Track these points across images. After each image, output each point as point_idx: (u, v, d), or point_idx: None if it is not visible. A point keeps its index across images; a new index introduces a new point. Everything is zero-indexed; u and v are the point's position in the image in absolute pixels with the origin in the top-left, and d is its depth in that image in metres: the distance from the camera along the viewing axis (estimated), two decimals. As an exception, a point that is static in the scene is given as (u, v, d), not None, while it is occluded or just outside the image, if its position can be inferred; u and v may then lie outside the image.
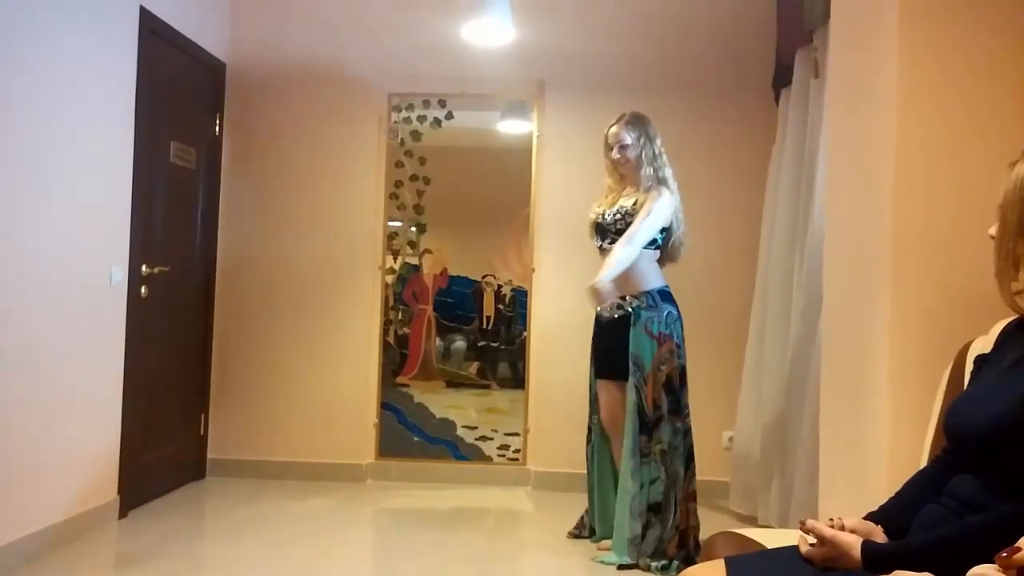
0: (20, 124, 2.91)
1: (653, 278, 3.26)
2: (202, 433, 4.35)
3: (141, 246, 3.66)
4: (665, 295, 3.26)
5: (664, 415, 3.19)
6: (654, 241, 3.25)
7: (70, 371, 3.22)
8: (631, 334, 3.18)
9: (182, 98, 4.09)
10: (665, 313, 3.21)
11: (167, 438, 4.00)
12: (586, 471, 3.49)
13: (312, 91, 4.44)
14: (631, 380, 3.19)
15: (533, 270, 4.41)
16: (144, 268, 3.70)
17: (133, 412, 3.62)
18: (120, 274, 3.53)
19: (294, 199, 4.44)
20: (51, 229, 3.10)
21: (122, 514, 3.57)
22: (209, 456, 4.40)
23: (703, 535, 3.14)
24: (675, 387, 3.22)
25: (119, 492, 3.56)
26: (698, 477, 3.31)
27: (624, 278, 3.17)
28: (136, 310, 3.63)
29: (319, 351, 4.41)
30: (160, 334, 3.89)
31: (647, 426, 3.16)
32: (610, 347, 3.27)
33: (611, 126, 3.35)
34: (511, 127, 4.54)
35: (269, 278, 4.43)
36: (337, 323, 4.42)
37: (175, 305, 4.04)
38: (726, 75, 4.29)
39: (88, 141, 3.30)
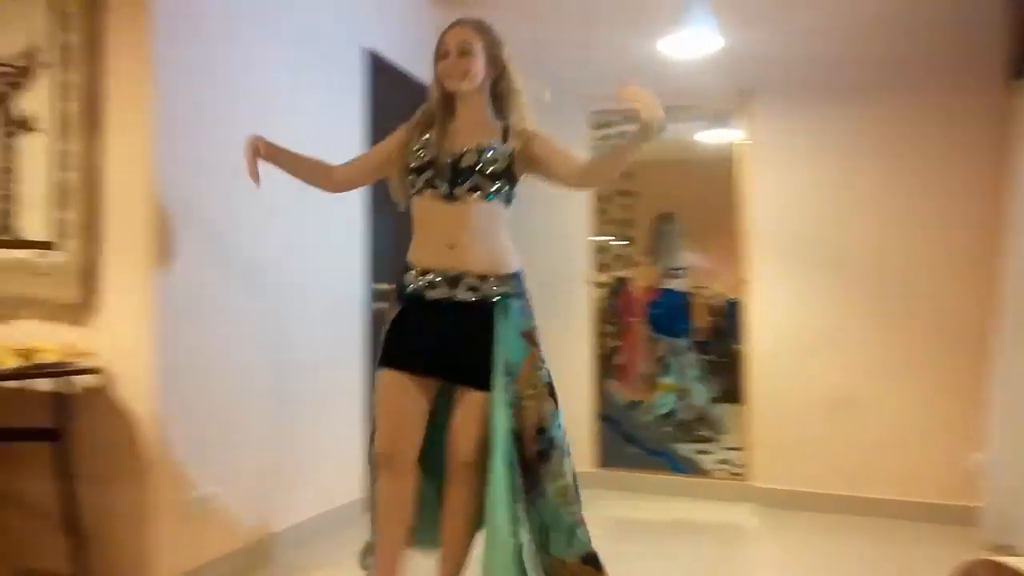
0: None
1: (515, 254, 2.34)
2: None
3: (376, 264, 3.95)
4: (524, 279, 2.35)
5: (557, 439, 2.29)
6: (512, 197, 2.34)
7: (325, 379, 3.53)
8: (499, 331, 2.21)
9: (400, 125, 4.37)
10: (530, 308, 2.33)
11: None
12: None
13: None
14: (502, 395, 2.18)
15: (746, 281, 4.30)
16: (380, 285, 3.98)
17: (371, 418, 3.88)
18: (357, 292, 3.82)
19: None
20: (306, 250, 3.42)
21: (367, 509, 3.81)
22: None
23: (946, 561, 2.88)
24: (556, 403, 2.32)
25: (365, 490, 3.82)
26: (936, 501, 3.02)
27: (486, 250, 2.24)
28: (375, 323, 3.91)
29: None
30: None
31: (528, 458, 2.24)
32: (447, 337, 2.23)
33: (448, 27, 2.36)
34: (713, 137, 4.49)
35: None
36: (550, 336, 4.50)
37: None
38: (948, 72, 3.98)
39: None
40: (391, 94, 4.19)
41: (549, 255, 4.55)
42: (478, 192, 2.23)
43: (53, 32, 2.69)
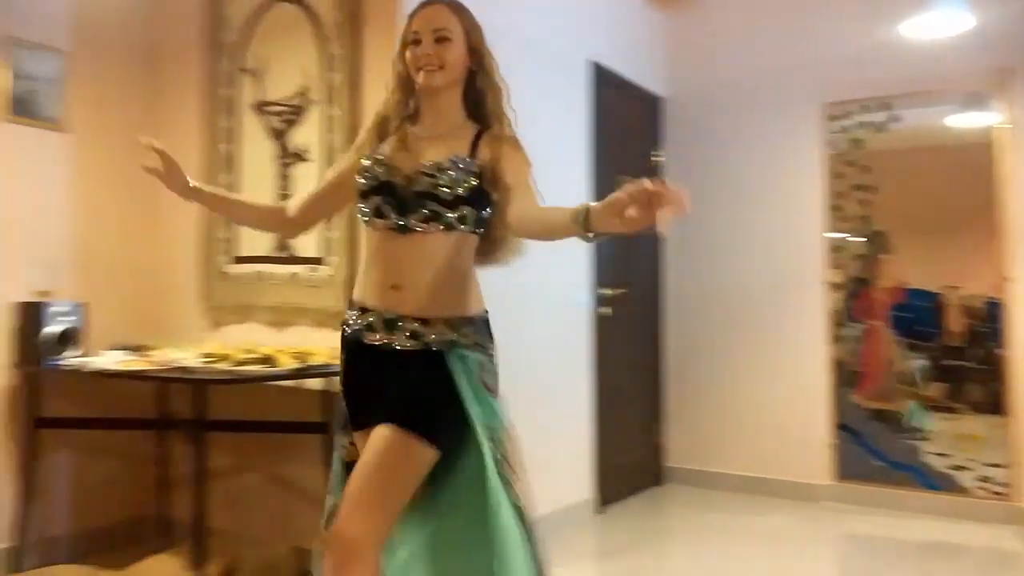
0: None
1: (473, 294, 1.87)
2: (658, 443, 4.60)
3: (601, 270, 4.05)
4: (488, 327, 1.89)
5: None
6: (483, 220, 1.84)
7: (555, 381, 3.68)
8: (464, 389, 1.75)
9: (627, 134, 4.44)
10: (494, 360, 1.88)
11: (629, 445, 4.32)
12: None
13: (747, 111, 4.50)
14: (492, 466, 1.72)
15: (1008, 279, 3.88)
16: (604, 290, 4.07)
17: (602, 420, 3.99)
18: (585, 296, 3.93)
19: (734, 218, 4.52)
20: (537, 256, 3.57)
21: (598, 510, 3.93)
22: (667, 464, 4.62)
23: None
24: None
25: (594, 490, 3.93)
26: None
27: (437, 289, 1.78)
28: (600, 328, 4.01)
29: (766, 366, 4.40)
30: (620, 350, 4.23)
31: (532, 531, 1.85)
32: (387, 384, 1.78)
33: (421, 6, 1.89)
34: (964, 122, 4.10)
35: (716, 295, 4.55)
36: (783, 338, 4.37)
37: (631, 324, 4.37)
38: None
39: (554, 181, 3.71)
40: (616, 104, 4.27)
41: (779, 254, 4.40)
42: (435, 222, 1.75)
43: (321, 73, 3.05)
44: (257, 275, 3.21)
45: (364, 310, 1.81)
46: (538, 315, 3.59)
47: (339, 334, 1.88)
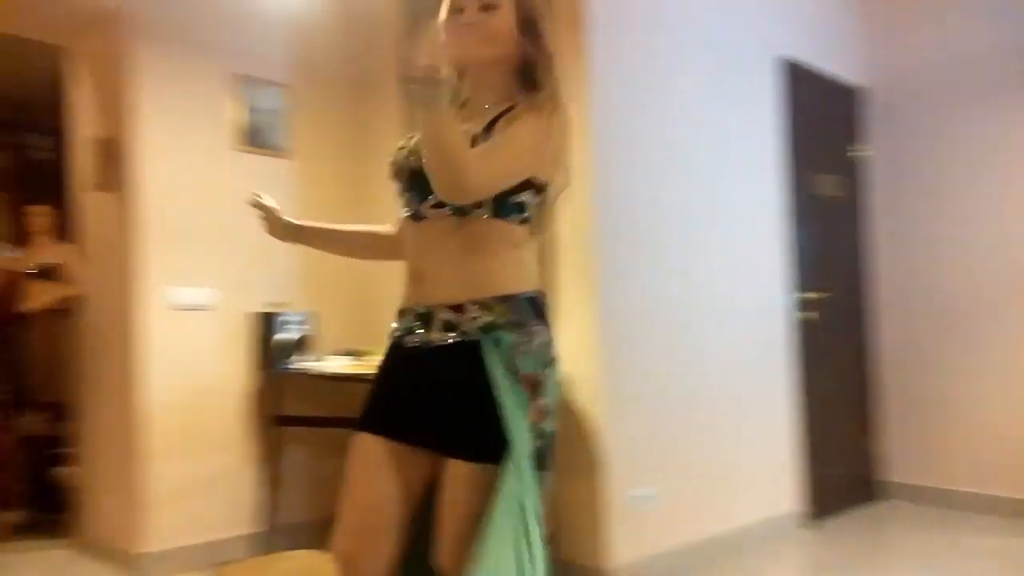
0: (691, 172, 3.36)
1: (510, 276, 1.61)
2: (871, 454, 4.32)
3: (801, 274, 3.86)
4: (538, 308, 1.61)
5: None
6: (522, 207, 1.59)
7: (754, 388, 3.57)
8: (499, 381, 1.53)
9: (823, 130, 4.19)
10: (537, 343, 1.58)
11: (838, 457, 4.09)
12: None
13: (960, 97, 4.06)
14: (514, 466, 1.49)
15: None
16: (805, 294, 3.88)
17: (808, 430, 3.82)
18: (786, 300, 3.77)
19: (948, 213, 4.11)
20: (730, 262, 3.51)
21: (805, 524, 3.77)
22: (882, 478, 4.32)
23: None
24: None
25: (803, 504, 3.78)
26: None
27: (465, 272, 1.60)
28: (802, 334, 3.83)
29: (992, 373, 3.97)
30: (825, 357, 4.02)
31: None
32: (425, 393, 1.60)
33: None
34: None
35: (934, 296, 4.18)
36: (1011, 343, 3.92)
37: (837, 329, 4.13)
38: None
39: (744, 182, 3.64)
40: (810, 99, 4.03)
41: (1005, 252, 3.93)
42: (446, 208, 1.55)
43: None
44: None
45: (403, 313, 1.65)
46: (733, 321, 3.49)
47: (571, 331, 1.84)
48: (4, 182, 4.99)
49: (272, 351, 3.32)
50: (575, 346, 2.97)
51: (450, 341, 1.55)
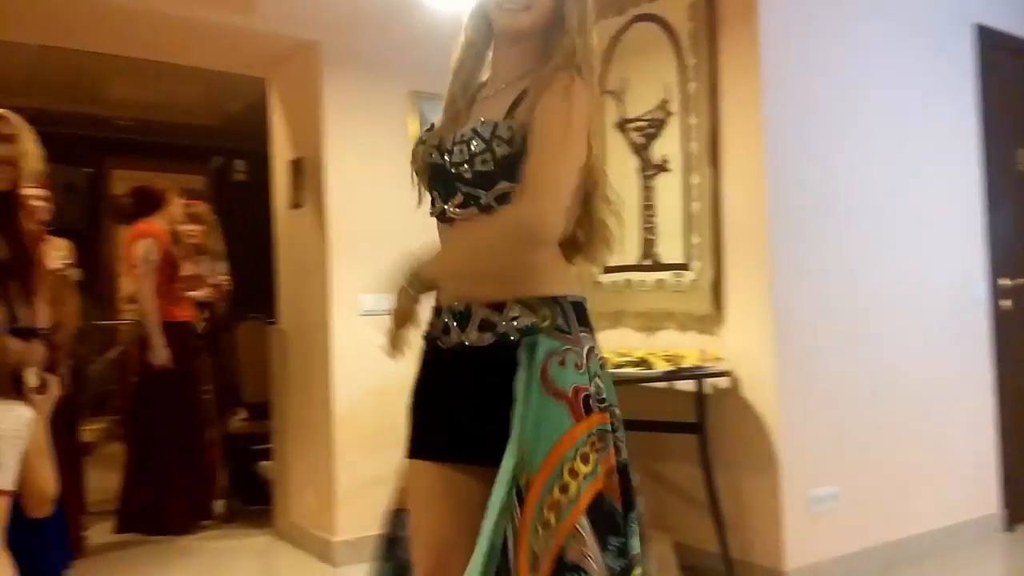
0: (875, 151, 3.20)
1: (559, 275, 1.49)
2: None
3: (999, 258, 3.59)
4: (583, 314, 1.47)
5: None
6: None
7: (943, 386, 3.37)
8: (518, 385, 1.38)
9: (1025, 101, 3.88)
10: (586, 348, 1.43)
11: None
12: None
13: None
14: (503, 477, 1.34)
15: None
16: (1004, 281, 3.61)
17: (1009, 427, 3.55)
18: (981, 289, 3.53)
19: None
20: (917, 249, 3.31)
21: (1002, 529, 3.52)
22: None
23: None
24: (614, 519, 1.39)
25: (1000, 508, 3.53)
26: None
27: (506, 270, 1.46)
28: (1000, 323, 3.57)
29: None
30: (1026, 348, 3.72)
31: None
32: (461, 404, 1.48)
33: None
34: None
35: None
36: None
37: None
38: None
39: (936, 159, 3.43)
40: (1012, 68, 3.75)
41: None
42: (472, 206, 1.44)
43: (679, 84, 3.15)
44: (626, 283, 3.41)
45: (439, 311, 1.52)
46: (921, 311, 3.31)
47: (700, 339, 1.75)
48: (206, 202, 5.54)
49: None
50: (747, 342, 2.93)
51: (487, 343, 1.42)
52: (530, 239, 1.35)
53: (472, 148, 1.41)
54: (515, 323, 1.41)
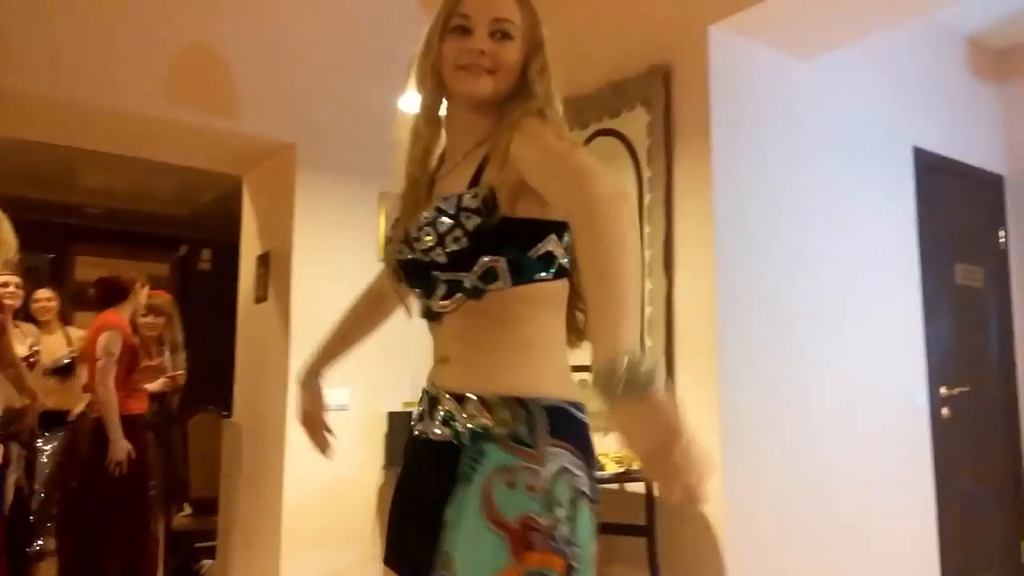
0: (820, 265, 3.37)
1: (540, 368, 1.28)
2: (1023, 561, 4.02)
3: (937, 368, 3.74)
4: (563, 423, 1.22)
5: None
6: (550, 259, 1.27)
7: (885, 492, 3.44)
8: (455, 501, 1.19)
9: (962, 219, 4.13)
10: (554, 469, 1.17)
11: (985, 563, 3.83)
12: None
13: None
14: None
15: None
16: (943, 389, 3.75)
17: (948, 535, 3.62)
18: (920, 396, 3.66)
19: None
20: (860, 359, 3.44)
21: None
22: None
23: None
24: None
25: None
26: None
27: (484, 361, 1.28)
28: (940, 431, 3.68)
29: None
30: (966, 455, 3.84)
31: None
32: (419, 503, 1.30)
33: None
34: None
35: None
36: None
37: (978, 425, 3.95)
38: None
39: (878, 274, 3.61)
40: (946, 188, 4.02)
41: None
42: (456, 294, 1.27)
43: (638, 194, 3.31)
44: (582, 383, 3.47)
45: (421, 395, 1.38)
46: (865, 417, 3.41)
47: None
48: (169, 291, 5.57)
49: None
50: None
51: (445, 438, 1.25)
52: (624, 215, 1.05)
53: (439, 228, 1.24)
54: (468, 422, 1.21)
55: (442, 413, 1.27)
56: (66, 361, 4.53)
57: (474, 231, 1.22)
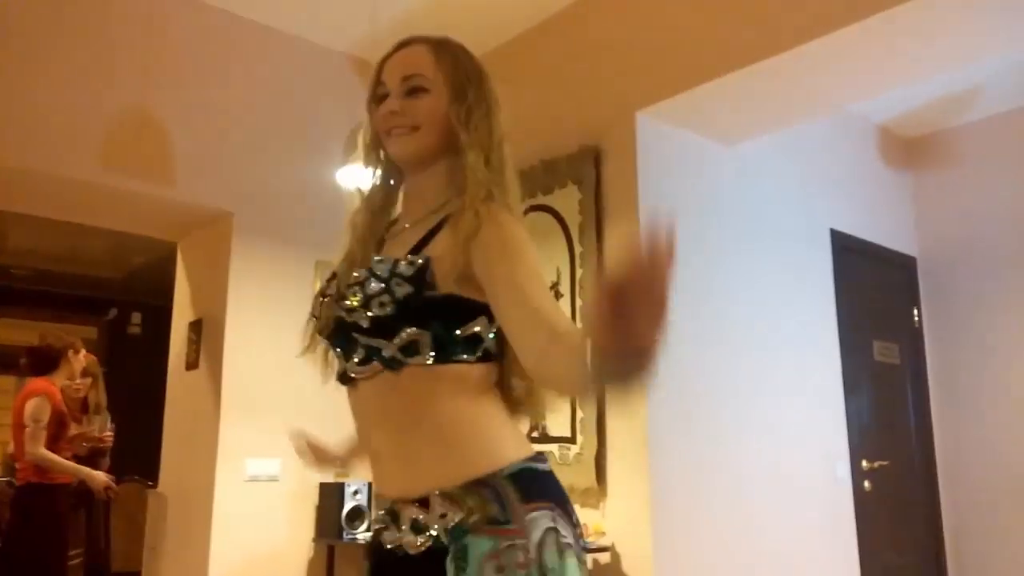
0: (743, 342, 3.49)
1: (494, 437, 1.25)
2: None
3: (858, 442, 3.87)
4: (530, 484, 1.20)
5: None
6: (476, 341, 1.24)
7: (811, 565, 3.51)
8: None
9: (878, 298, 4.33)
10: (538, 535, 1.15)
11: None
12: None
13: (1012, 268, 4.22)
14: None
15: None
16: (864, 463, 3.88)
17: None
18: (843, 470, 3.77)
19: (1004, 379, 4.15)
20: (785, 433, 3.55)
21: None
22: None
23: None
24: None
25: None
26: None
27: (425, 450, 1.23)
28: (862, 504, 3.79)
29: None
30: (888, 527, 3.95)
31: None
32: None
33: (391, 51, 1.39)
34: None
35: (997, 464, 4.13)
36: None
37: (899, 499, 4.08)
38: None
39: (800, 351, 3.75)
40: (862, 268, 4.22)
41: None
42: (374, 361, 1.22)
43: (570, 268, 3.40)
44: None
45: (378, 502, 1.30)
46: (789, 491, 3.50)
47: (584, 512, 1.56)
48: (97, 354, 5.42)
49: (335, 521, 3.44)
50: (627, 517, 3.02)
51: (422, 546, 1.17)
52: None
53: (368, 290, 1.20)
54: (444, 520, 1.16)
55: (410, 520, 1.20)
56: None
57: (402, 299, 1.19)
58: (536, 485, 1.19)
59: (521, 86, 3.70)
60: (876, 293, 4.34)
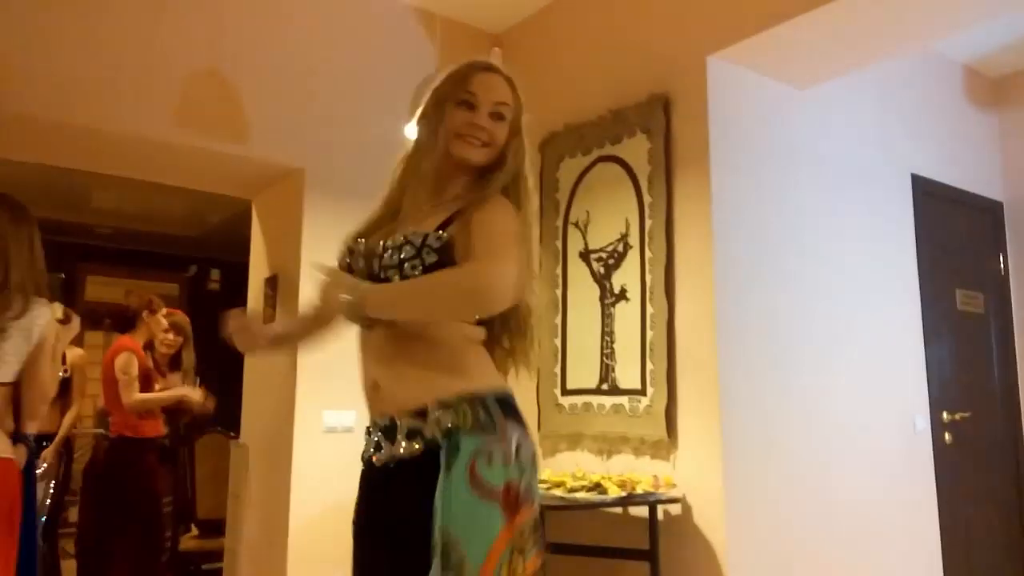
0: (820, 290, 3.41)
1: (479, 370, 1.55)
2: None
3: (938, 393, 3.77)
4: (508, 407, 1.51)
5: None
6: None
7: (888, 518, 3.46)
8: (440, 487, 1.40)
9: (961, 245, 4.17)
10: (515, 444, 1.45)
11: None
12: None
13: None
14: None
15: None
16: (945, 415, 3.78)
17: (952, 560, 3.63)
18: (923, 422, 3.68)
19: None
20: (861, 384, 3.47)
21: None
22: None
23: None
24: None
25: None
26: None
27: (422, 374, 1.51)
28: (943, 457, 3.70)
29: None
30: (969, 480, 3.85)
31: None
32: (390, 521, 1.49)
33: (481, 67, 1.67)
34: None
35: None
36: None
37: (980, 450, 3.97)
38: None
39: (878, 300, 3.64)
40: (945, 214, 4.06)
41: None
42: None
43: (639, 219, 3.37)
44: (585, 406, 3.52)
45: (369, 430, 1.57)
46: (865, 444, 3.44)
47: (655, 464, 1.86)
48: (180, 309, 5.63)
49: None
50: (698, 469, 3.02)
51: (417, 450, 1.43)
52: (480, 298, 1.39)
53: (403, 254, 1.50)
54: (439, 425, 1.43)
55: (407, 429, 1.47)
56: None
57: (428, 266, 1.48)
58: (511, 409, 1.50)
59: (589, 35, 3.63)
60: (960, 240, 4.18)
